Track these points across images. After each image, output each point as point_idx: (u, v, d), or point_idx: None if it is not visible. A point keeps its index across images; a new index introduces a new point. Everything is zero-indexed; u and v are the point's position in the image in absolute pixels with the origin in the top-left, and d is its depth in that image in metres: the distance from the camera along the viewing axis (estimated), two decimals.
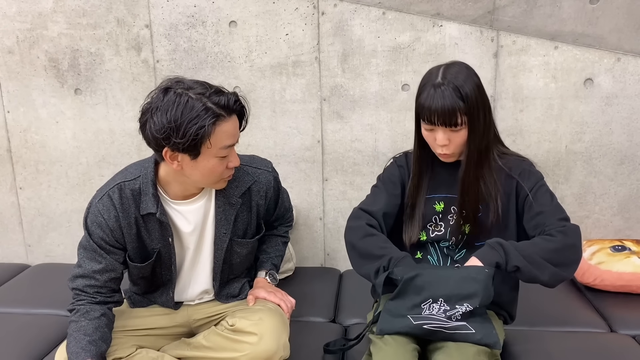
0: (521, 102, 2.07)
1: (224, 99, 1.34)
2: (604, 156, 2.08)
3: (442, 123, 1.37)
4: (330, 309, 1.95)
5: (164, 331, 1.61)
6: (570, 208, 2.14)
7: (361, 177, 2.19)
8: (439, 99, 1.36)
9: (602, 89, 2.03)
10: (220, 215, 1.53)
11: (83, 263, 1.48)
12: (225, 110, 1.34)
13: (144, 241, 1.50)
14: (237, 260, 1.62)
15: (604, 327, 1.80)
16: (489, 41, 2.02)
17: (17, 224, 2.41)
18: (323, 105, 2.15)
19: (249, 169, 1.57)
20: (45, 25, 2.18)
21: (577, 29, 2.00)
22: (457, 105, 1.35)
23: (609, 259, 1.96)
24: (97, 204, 1.47)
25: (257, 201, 1.59)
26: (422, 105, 1.40)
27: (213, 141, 1.33)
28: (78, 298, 1.47)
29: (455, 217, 1.52)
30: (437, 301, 1.38)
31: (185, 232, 1.53)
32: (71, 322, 1.44)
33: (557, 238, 1.39)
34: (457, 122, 1.37)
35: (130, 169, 1.52)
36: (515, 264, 1.36)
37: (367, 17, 2.04)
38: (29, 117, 2.28)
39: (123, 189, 1.46)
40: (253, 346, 1.44)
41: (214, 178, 1.43)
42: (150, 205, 1.45)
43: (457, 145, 1.42)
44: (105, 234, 1.45)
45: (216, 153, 1.36)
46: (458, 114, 1.36)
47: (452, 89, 1.36)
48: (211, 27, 2.11)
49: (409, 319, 1.39)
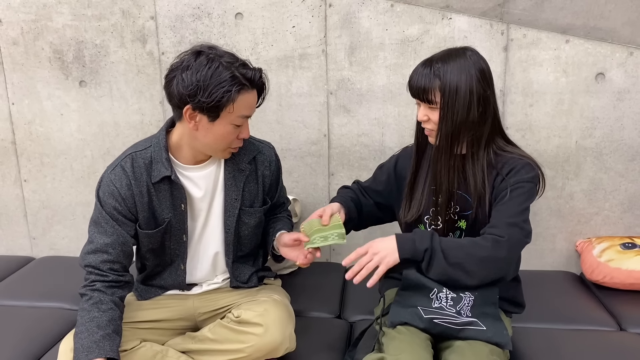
0: (531, 97, 2.04)
1: (251, 72, 1.41)
2: (615, 152, 2.05)
3: (417, 96, 1.42)
4: (336, 304, 1.93)
5: (169, 324, 1.60)
6: (580, 204, 2.12)
7: (368, 172, 2.16)
8: (419, 73, 1.41)
9: (613, 84, 1.99)
10: (230, 181, 1.56)
11: (95, 238, 1.48)
12: (250, 82, 1.41)
13: (155, 211, 1.52)
14: (246, 232, 1.61)
15: (614, 325, 1.78)
16: (498, 34, 1.99)
17: (22, 216, 2.40)
18: (330, 98, 2.12)
19: (253, 140, 1.64)
20: (50, 16, 2.16)
21: (589, 22, 1.96)
22: (432, 81, 1.38)
23: (618, 257, 1.93)
24: (110, 175, 1.50)
25: (263, 171, 1.62)
26: (409, 81, 1.46)
27: (234, 107, 1.40)
28: (91, 279, 1.46)
29: (451, 212, 1.50)
30: (441, 290, 1.39)
31: (196, 198, 1.55)
32: (82, 310, 1.43)
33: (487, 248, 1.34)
34: (430, 98, 1.39)
35: (140, 142, 1.57)
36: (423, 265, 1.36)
37: (375, 9, 2.01)
38: (33, 109, 2.27)
39: (135, 158, 1.50)
40: (258, 337, 1.44)
41: (223, 145, 1.47)
42: (163, 170, 1.48)
43: (435, 123, 1.42)
44: (117, 202, 1.48)
45: (233, 120, 1.42)
46: (431, 90, 1.38)
47: (434, 67, 1.39)
48: (217, 19, 2.09)
49: (419, 310, 1.40)
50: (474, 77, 1.38)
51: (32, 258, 2.39)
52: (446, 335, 1.38)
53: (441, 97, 1.38)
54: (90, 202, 2.33)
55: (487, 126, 1.43)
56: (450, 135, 1.41)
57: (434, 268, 1.35)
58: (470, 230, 1.49)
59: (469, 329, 1.36)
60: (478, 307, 1.38)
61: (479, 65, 1.41)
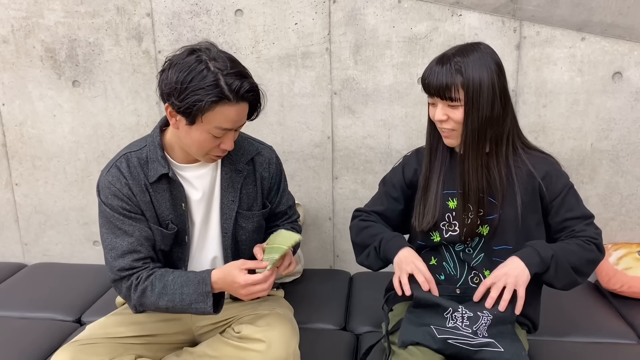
0: (544, 97, 1.95)
1: (238, 83, 1.29)
2: (632, 155, 1.97)
3: (437, 94, 1.34)
4: (341, 315, 1.85)
5: (165, 339, 1.52)
6: (595, 209, 2.02)
7: (373, 175, 2.09)
8: (437, 70, 1.33)
9: (631, 84, 1.91)
10: (227, 183, 1.50)
11: (115, 244, 1.40)
12: (234, 94, 1.29)
13: (157, 211, 1.46)
14: (243, 237, 1.54)
15: (633, 337, 1.70)
16: (511, 32, 1.90)
17: (13, 221, 2.32)
18: (334, 99, 2.04)
19: (252, 141, 1.57)
20: (41, 13, 2.07)
21: (606, 19, 1.87)
22: (454, 77, 1.31)
23: (637, 265, 1.85)
24: (106, 177, 1.44)
25: (262, 173, 1.55)
26: (423, 77, 1.38)
27: (208, 118, 1.30)
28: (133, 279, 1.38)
29: (472, 216, 1.42)
30: (457, 309, 1.33)
31: (194, 200, 1.48)
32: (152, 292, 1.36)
33: (594, 250, 1.37)
34: (453, 96, 1.31)
35: (134, 143, 1.51)
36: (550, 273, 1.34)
37: (381, 5, 1.93)
38: (25, 110, 2.18)
39: (130, 158, 1.45)
40: (261, 354, 1.35)
41: (202, 151, 1.39)
42: (160, 168, 1.42)
43: (456, 122, 1.34)
44: (124, 202, 1.42)
45: (209, 130, 1.33)
46: (453, 87, 1.31)
47: (453, 63, 1.32)
48: (216, 16, 2.00)
49: (433, 330, 1.32)
50: (494, 71, 1.33)
51: (24, 265, 2.31)
52: (461, 356, 1.30)
53: (465, 93, 1.31)
54: (84, 207, 2.26)
55: (508, 122, 1.38)
56: (477, 133, 1.34)
57: (561, 274, 1.34)
58: (491, 236, 1.42)
59: (486, 350, 1.28)
60: (495, 327, 1.31)
61: (495, 58, 1.36)
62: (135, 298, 1.38)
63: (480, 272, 1.45)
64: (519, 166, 1.40)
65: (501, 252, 1.43)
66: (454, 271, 1.47)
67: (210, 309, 1.35)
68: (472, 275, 1.46)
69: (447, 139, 1.41)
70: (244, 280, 1.30)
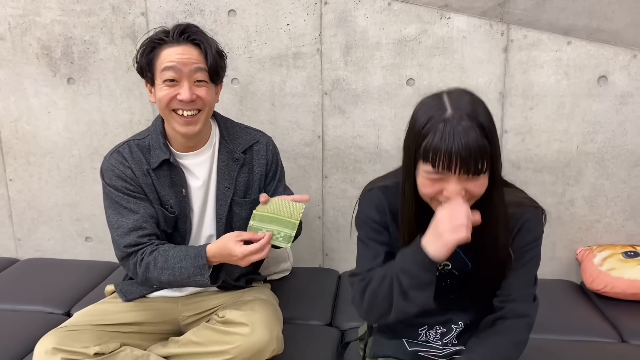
0: (531, 100, 1.98)
1: (175, 28, 1.45)
2: (617, 157, 1.99)
3: (464, 170, 1.03)
4: (328, 311, 1.87)
5: (151, 328, 1.55)
6: (581, 211, 2.05)
7: (362, 174, 2.11)
8: (461, 138, 1.01)
9: (616, 87, 1.94)
10: (224, 170, 1.55)
11: (121, 223, 1.46)
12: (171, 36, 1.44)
13: (159, 193, 1.52)
14: (237, 225, 1.57)
15: (615, 337, 1.71)
16: (498, 35, 1.93)
17: (7, 216, 2.34)
18: (324, 99, 2.07)
19: (250, 130, 1.64)
20: (38, 11, 2.10)
21: (592, 23, 1.91)
22: (484, 145, 1.03)
23: (620, 266, 1.87)
24: (109, 160, 1.51)
25: (259, 161, 1.60)
26: (435, 147, 1.02)
27: (157, 68, 1.43)
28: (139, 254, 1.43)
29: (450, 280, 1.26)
30: (432, 328, 1.29)
31: (194, 187, 1.54)
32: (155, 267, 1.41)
33: (524, 338, 1.23)
34: (480, 167, 1.04)
35: (138, 133, 1.60)
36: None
37: (371, 7, 1.96)
38: (20, 106, 2.21)
39: (132, 145, 1.52)
40: (244, 337, 1.37)
41: (167, 110, 1.45)
42: (162, 154, 1.49)
43: (474, 197, 1.09)
44: (127, 183, 1.48)
45: (162, 77, 1.43)
46: (484, 158, 1.03)
47: (476, 126, 1.03)
48: (209, 16, 2.03)
49: (404, 343, 1.30)
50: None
51: (17, 260, 2.32)
52: None
53: (491, 160, 1.06)
54: (77, 203, 2.28)
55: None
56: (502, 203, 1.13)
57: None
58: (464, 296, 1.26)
59: (456, 358, 1.27)
60: (465, 334, 1.28)
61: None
62: (141, 273, 1.43)
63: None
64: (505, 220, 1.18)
65: None
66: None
67: (207, 281, 1.39)
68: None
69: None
70: (241, 252, 1.33)
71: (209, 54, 1.45)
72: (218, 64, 1.48)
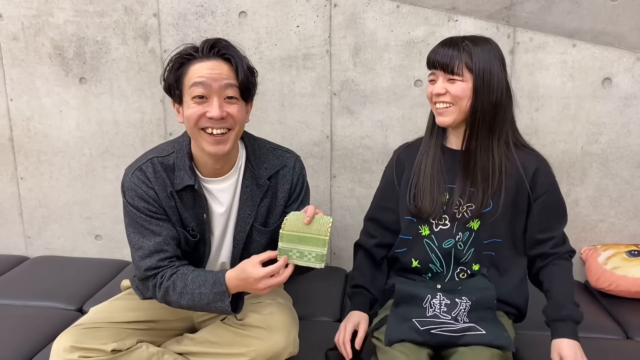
0: (537, 101, 2.01)
1: (204, 43, 1.37)
2: (621, 158, 2.03)
3: (440, 67, 1.39)
4: (337, 308, 1.90)
5: (166, 325, 1.56)
6: (585, 211, 2.09)
7: (370, 174, 2.14)
8: (442, 47, 1.41)
9: (620, 89, 1.97)
10: (247, 195, 1.49)
11: (143, 244, 1.41)
12: (200, 52, 1.37)
13: (181, 215, 1.46)
14: (256, 250, 1.53)
15: (620, 333, 1.74)
16: (505, 37, 1.97)
17: (17, 214, 2.36)
18: (333, 99, 2.10)
19: (278, 151, 1.56)
20: (51, 12, 2.13)
21: (597, 26, 1.94)
22: (460, 54, 1.37)
23: (624, 264, 1.91)
24: (131, 178, 1.43)
25: (283, 185, 1.53)
26: (429, 56, 1.44)
27: (185, 84, 1.37)
28: (158, 277, 1.40)
29: (464, 210, 1.47)
30: (435, 296, 1.37)
31: (217, 214, 1.49)
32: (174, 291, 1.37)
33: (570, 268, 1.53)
34: (455, 69, 1.37)
35: (163, 146, 1.51)
36: None
37: (380, 10, 1.99)
38: (32, 105, 2.23)
39: (156, 164, 1.44)
40: (262, 341, 1.39)
41: (195, 129, 1.38)
42: (187, 178, 1.42)
43: (454, 97, 1.39)
44: (149, 204, 1.42)
45: (191, 94, 1.35)
46: (458, 62, 1.37)
47: (462, 44, 1.38)
48: (220, 17, 2.07)
49: (415, 323, 1.35)
50: (500, 65, 1.41)
51: (27, 257, 2.35)
52: (446, 344, 1.34)
53: (471, 75, 1.37)
54: (87, 201, 2.31)
55: (509, 115, 1.45)
56: (486, 115, 1.40)
57: None
58: (482, 230, 1.46)
59: (469, 334, 1.32)
60: (474, 312, 1.35)
61: (501, 54, 1.44)
62: (160, 297, 1.40)
63: (469, 267, 1.48)
64: (510, 160, 1.45)
65: (491, 246, 1.48)
66: (441, 269, 1.50)
67: (229, 308, 1.34)
68: (459, 271, 1.49)
69: (441, 117, 1.44)
70: (258, 273, 1.29)
71: (240, 69, 1.37)
72: (249, 80, 1.40)
